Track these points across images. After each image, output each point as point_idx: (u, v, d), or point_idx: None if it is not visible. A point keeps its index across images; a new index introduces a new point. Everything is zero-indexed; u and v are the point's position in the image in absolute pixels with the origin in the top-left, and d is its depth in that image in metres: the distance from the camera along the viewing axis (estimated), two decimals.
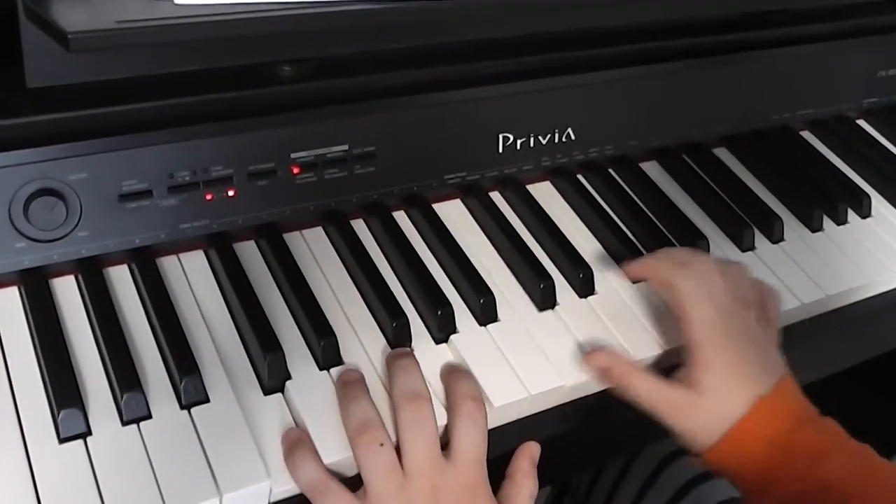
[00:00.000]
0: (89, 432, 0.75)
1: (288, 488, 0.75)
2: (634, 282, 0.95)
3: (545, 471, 0.81)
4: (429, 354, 0.85)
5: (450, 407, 0.80)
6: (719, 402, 0.83)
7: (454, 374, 0.83)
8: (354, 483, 0.75)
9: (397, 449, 0.75)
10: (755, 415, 0.82)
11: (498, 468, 0.80)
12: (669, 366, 0.89)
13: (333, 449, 0.76)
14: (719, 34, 1.12)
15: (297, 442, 0.75)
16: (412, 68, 0.95)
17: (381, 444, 0.74)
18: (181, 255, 0.90)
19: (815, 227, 1.09)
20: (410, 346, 0.86)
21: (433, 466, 0.75)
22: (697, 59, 1.10)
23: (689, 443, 0.84)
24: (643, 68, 1.07)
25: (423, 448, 0.75)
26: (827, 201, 1.11)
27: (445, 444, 0.78)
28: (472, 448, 0.77)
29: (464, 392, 0.80)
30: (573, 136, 1.05)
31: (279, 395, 0.80)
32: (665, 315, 0.92)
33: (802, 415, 0.83)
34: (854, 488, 0.80)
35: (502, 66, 1.00)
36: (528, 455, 0.81)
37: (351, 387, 0.79)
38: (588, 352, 0.87)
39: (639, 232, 1.02)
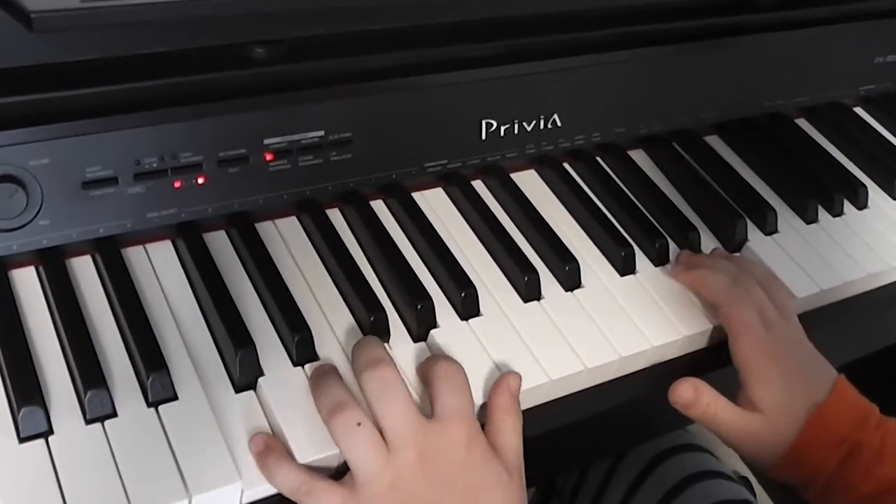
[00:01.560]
0: (51, 431, 0.74)
1: (260, 490, 0.74)
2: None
3: (530, 471, 0.81)
4: (407, 350, 0.85)
5: (426, 381, 0.80)
6: (781, 419, 0.86)
7: (428, 359, 0.83)
8: (337, 475, 0.75)
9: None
10: (814, 424, 0.86)
11: None
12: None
13: (310, 448, 0.76)
14: (710, 17, 1.13)
15: (267, 448, 0.75)
16: (391, 51, 0.95)
17: (359, 424, 0.74)
18: (148, 246, 0.89)
19: (810, 219, 1.09)
20: (388, 342, 0.85)
21: (415, 430, 0.74)
22: (688, 43, 1.11)
23: (757, 463, 0.89)
24: (631, 52, 1.07)
25: (398, 412, 0.75)
26: (822, 192, 1.11)
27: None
28: (453, 402, 0.77)
29: (433, 360, 0.80)
30: (559, 123, 1.05)
31: (251, 392, 0.80)
32: (652, 309, 0.92)
33: (862, 414, 0.87)
34: None
35: (486, 49, 0.99)
36: (505, 389, 0.81)
37: (321, 376, 0.79)
38: (676, 382, 0.88)
39: (627, 222, 1.02)
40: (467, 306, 0.89)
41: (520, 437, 0.80)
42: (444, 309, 0.89)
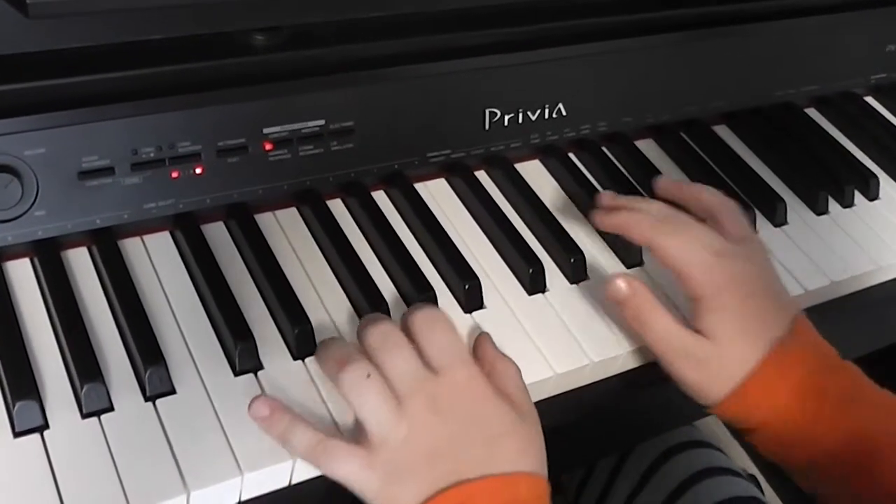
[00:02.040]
0: (46, 425, 0.74)
1: (259, 485, 0.74)
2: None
3: None
4: None
5: (411, 333, 0.79)
6: (733, 349, 0.82)
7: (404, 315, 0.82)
8: None
9: None
10: (774, 359, 0.82)
11: None
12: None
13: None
14: (720, 4, 1.12)
15: (274, 411, 0.74)
16: (394, 38, 0.95)
17: (368, 376, 0.73)
18: (145, 237, 0.89)
19: (820, 210, 1.09)
20: None
21: (421, 378, 0.74)
22: (697, 31, 1.10)
23: (699, 395, 0.84)
24: (639, 40, 1.07)
25: (402, 362, 0.75)
26: (833, 182, 1.11)
27: None
28: (444, 349, 0.77)
29: (411, 313, 0.79)
30: (564, 112, 1.04)
31: (252, 385, 0.79)
32: (662, 299, 0.92)
33: (825, 358, 0.83)
34: (884, 436, 0.80)
35: (490, 37, 0.99)
36: (487, 341, 0.82)
37: (326, 341, 0.79)
38: (611, 277, 0.86)
39: None
40: (471, 299, 0.89)
41: (522, 378, 0.80)
42: (447, 301, 0.89)
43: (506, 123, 1.02)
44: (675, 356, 0.84)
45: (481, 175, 1.03)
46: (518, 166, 1.04)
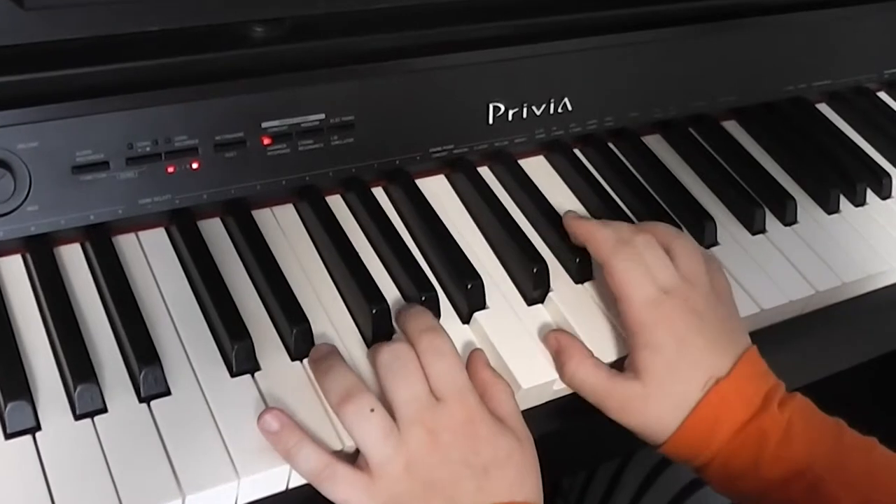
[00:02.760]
0: (38, 427, 0.74)
1: (257, 489, 0.75)
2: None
3: None
4: None
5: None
6: (670, 391, 0.83)
7: (405, 315, 0.83)
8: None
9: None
10: (713, 400, 0.82)
11: None
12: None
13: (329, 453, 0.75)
14: None
15: (283, 427, 0.75)
16: (396, 30, 0.95)
17: (372, 410, 0.74)
18: (140, 233, 0.89)
19: (832, 209, 1.09)
20: (391, 336, 0.85)
21: (424, 407, 0.75)
22: (705, 24, 1.10)
23: (646, 438, 0.85)
24: (646, 33, 1.07)
25: (407, 387, 0.76)
26: (844, 180, 1.11)
27: None
28: (448, 380, 0.77)
29: (417, 328, 0.80)
30: (570, 107, 1.04)
31: (249, 386, 0.79)
32: None
33: (768, 394, 0.83)
34: (827, 469, 0.81)
35: (494, 29, 0.99)
36: (482, 363, 0.82)
37: (324, 359, 0.79)
38: (548, 332, 0.87)
39: (640, 211, 1.02)
40: (473, 298, 0.89)
41: (515, 400, 0.81)
42: (448, 301, 0.89)
43: (510, 118, 1.02)
44: (608, 405, 0.84)
45: (484, 171, 1.03)
46: (522, 162, 1.04)
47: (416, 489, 0.73)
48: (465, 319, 0.89)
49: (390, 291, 0.89)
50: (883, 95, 1.28)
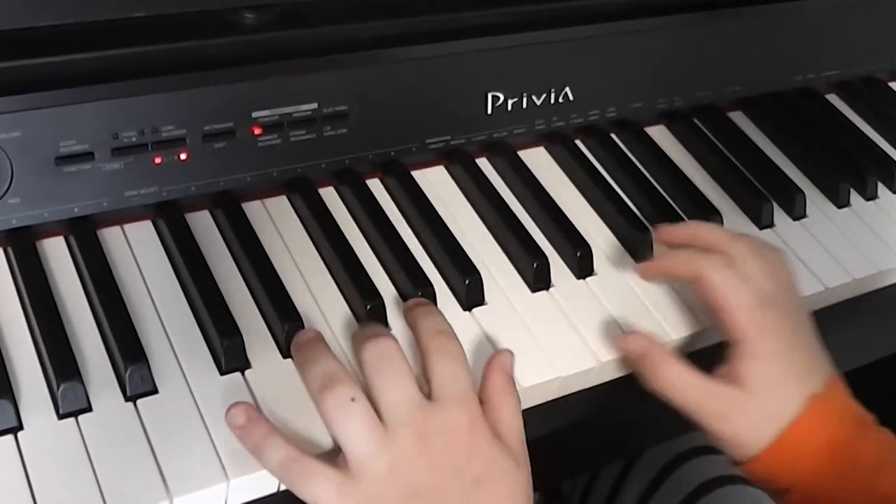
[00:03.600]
0: (20, 427, 0.74)
1: (247, 491, 0.74)
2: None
3: (535, 475, 0.81)
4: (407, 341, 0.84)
5: (420, 348, 0.79)
6: (768, 400, 0.81)
7: (415, 311, 0.82)
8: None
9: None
10: (811, 415, 0.81)
11: None
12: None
13: (303, 445, 0.74)
14: None
15: (250, 420, 0.73)
16: (391, 17, 0.95)
17: (353, 399, 0.72)
18: (126, 227, 0.89)
19: (842, 203, 1.09)
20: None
21: (414, 409, 0.73)
22: (711, 11, 1.10)
23: (731, 449, 0.83)
24: (650, 20, 1.07)
25: (397, 388, 0.73)
26: (855, 173, 1.11)
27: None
28: (452, 382, 0.76)
29: (429, 328, 0.79)
30: (571, 97, 1.04)
31: (239, 385, 0.79)
32: (674, 301, 0.92)
33: (860, 419, 0.83)
34: None
35: (493, 17, 0.99)
36: (500, 368, 0.79)
37: (306, 347, 0.78)
38: (624, 334, 0.86)
39: (644, 205, 1.02)
40: (471, 294, 0.89)
41: (521, 419, 0.78)
42: (446, 297, 0.89)
43: (509, 108, 1.01)
44: (701, 410, 0.83)
45: (483, 163, 1.03)
46: (522, 154, 1.04)
47: (397, 493, 0.71)
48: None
49: (386, 287, 0.89)
50: (894, 86, 1.28)
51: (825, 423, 0.81)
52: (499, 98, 1.00)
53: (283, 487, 0.75)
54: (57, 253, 0.86)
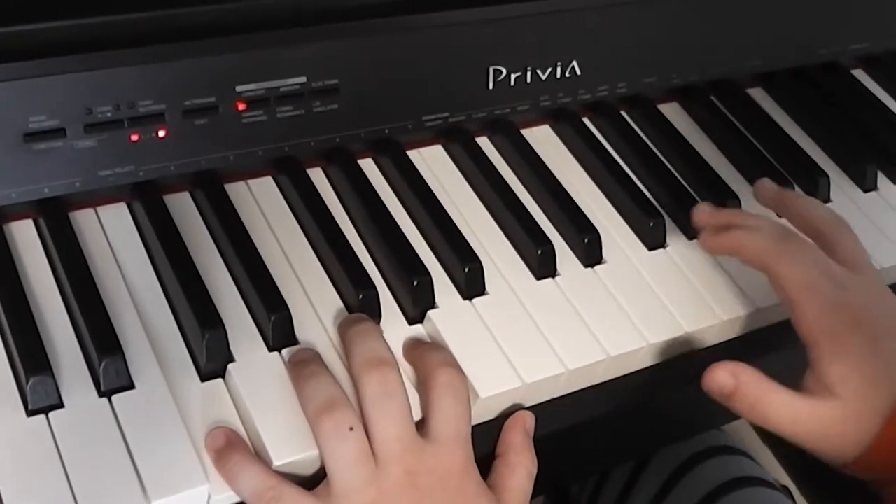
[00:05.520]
0: None
1: (229, 494, 0.74)
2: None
3: (540, 477, 0.81)
4: (401, 334, 0.85)
5: (422, 380, 0.80)
6: (864, 403, 0.79)
7: (423, 345, 0.83)
8: (312, 483, 0.75)
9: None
10: None
11: (486, 468, 0.80)
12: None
13: (288, 448, 0.75)
14: None
15: (228, 445, 0.75)
16: None
17: (351, 429, 0.74)
18: (100, 209, 0.89)
19: (868, 186, 1.09)
20: (378, 323, 0.85)
21: (408, 448, 0.75)
22: None
23: (839, 460, 0.82)
24: None
25: (395, 426, 0.75)
26: (882, 155, 1.12)
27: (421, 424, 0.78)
28: (453, 423, 0.77)
29: (437, 360, 0.80)
30: (579, 71, 1.04)
31: (220, 380, 0.79)
32: (689, 292, 0.92)
33: None
34: None
35: None
36: (521, 427, 0.81)
37: (305, 364, 0.79)
38: (712, 367, 0.82)
39: (656, 187, 1.02)
40: (471, 283, 0.89)
41: (532, 483, 0.80)
42: (444, 286, 0.89)
43: (512, 83, 1.01)
44: (809, 434, 0.81)
45: (483, 142, 1.03)
46: (525, 132, 1.04)
47: None
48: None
49: (379, 273, 0.89)
50: None
51: None
52: (501, 72, 1.00)
53: None
54: (25, 237, 0.86)
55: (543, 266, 0.92)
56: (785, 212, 0.94)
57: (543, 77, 1.03)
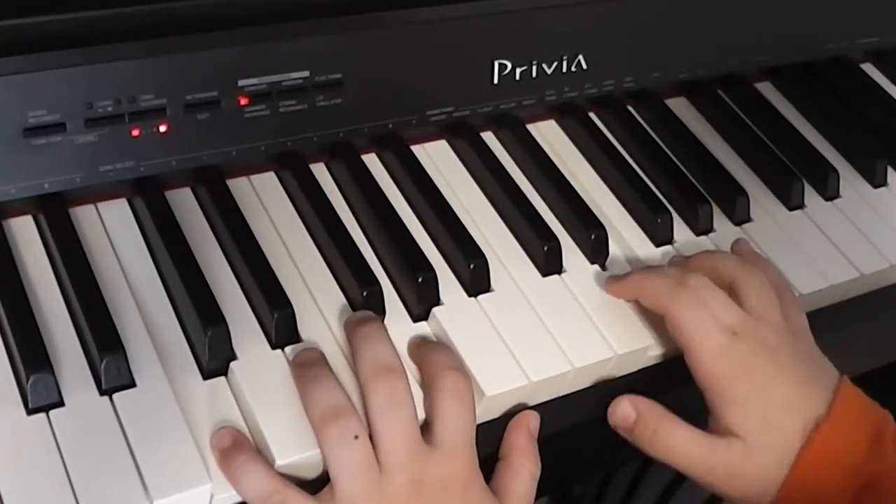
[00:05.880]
0: None
1: (231, 494, 0.74)
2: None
3: (542, 478, 0.81)
4: (405, 331, 0.85)
5: (427, 382, 0.80)
6: (771, 445, 0.81)
7: (429, 345, 0.83)
8: (316, 485, 0.75)
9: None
10: (816, 448, 0.81)
11: (490, 468, 0.80)
12: None
13: (292, 447, 0.75)
14: None
15: (234, 445, 0.75)
16: None
17: (356, 437, 0.74)
18: (100, 205, 0.89)
19: (878, 182, 1.09)
20: (383, 321, 0.85)
21: (413, 456, 0.75)
22: None
23: (745, 501, 0.83)
24: None
25: (401, 435, 0.75)
26: (892, 150, 1.12)
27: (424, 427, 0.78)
28: (458, 429, 0.77)
29: (443, 363, 0.80)
30: (585, 65, 1.04)
31: (222, 378, 0.79)
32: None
33: (877, 432, 0.82)
34: None
35: None
36: (524, 428, 0.81)
37: (310, 366, 0.79)
38: (616, 400, 0.85)
39: (663, 183, 1.02)
40: (476, 280, 0.89)
41: (535, 485, 0.80)
42: (448, 283, 0.89)
43: (517, 77, 1.01)
44: (705, 471, 0.82)
45: (488, 137, 1.03)
46: (531, 127, 1.04)
47: None
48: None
49: (383, 272, 0.89)
50: None
51: (835, 452, 0.81)
52: (506, 66, 1.00)
53: None
54: (25, 233, 0.86)
55: (549, 263, 0.92)
56: (698, 269, 0.90)
57: (549, 71, 1.02)
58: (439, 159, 1.00)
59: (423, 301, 0.86)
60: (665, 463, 0.83)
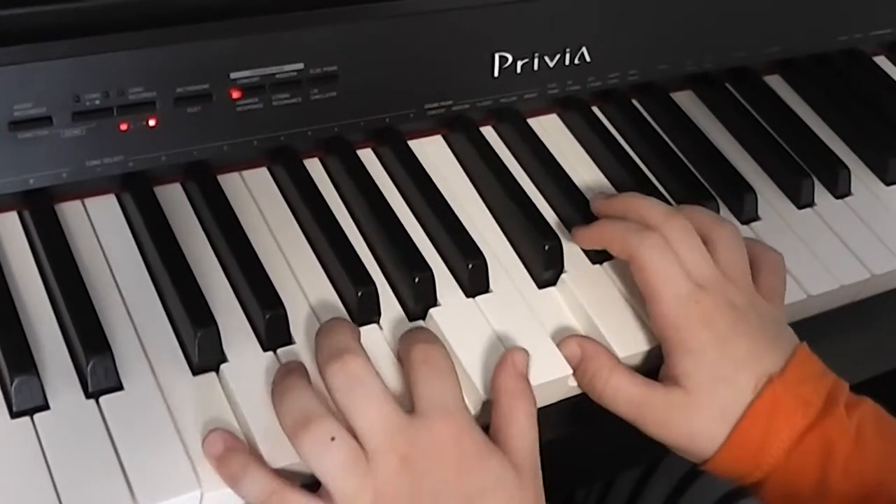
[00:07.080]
0: None
1: (221, 499, 0.74)
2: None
3: (545, 483, 0.81)
4: (402, 332, 0.84)
5: (403, 365, 0.80)
6: (716, 398, 0.82)
7: (404, 333, 0.83)
8: (316, 482, 0.75)
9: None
10: (765, 404, 0.82)
11: None
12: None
13: (282, 452, 0.75)
14: None
15: (228, 449, 0.75)
16: None
17: (333, 438, 0.73)
18: (87, 201, 0.89)
19: (891, 180, 1.09)
20: (378, 322, 0.85)
21: (394, 431, 0.74)
22: None
23: (689, 455, 0.85)
24: None
25: (373, 411, 0.74)
26: None
27: None
28: (434, 393, 0.76)
29: (411, 339, 0.80)
30: (588, 58, 1.04)
31: (213, 381, 0.79)
32: None
33: (831, 394, 0.83)
34: None
35: None
36: (510, 368, 0.80)
37: (282, 379, 0.78)
38: (565, 338, 0.86)
39: (668, 179, 1.03)
40: (475, 280, 0.89)
41: (534, 425, 0.79)
42: (446, 283, 0.89)
43: (518, 70, 1.01)
44: (645, 418, 0.84)
45: (488, 131, 1.03)
46: (532, 121, 1.04)
47: None
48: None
49: (378, 269, 0.89)
50: None
51: (788, 409, 0.82)
52: (507, 59, 1.00)
53: None
54: (9, 230, 0.86)
55: (550, 262, 0.92)
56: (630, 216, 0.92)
57: (551, 64, 1.03)
58: (437, 154, 1.00)
59: (419, 301, 0.87)
60: (605, 408, 0.85)
